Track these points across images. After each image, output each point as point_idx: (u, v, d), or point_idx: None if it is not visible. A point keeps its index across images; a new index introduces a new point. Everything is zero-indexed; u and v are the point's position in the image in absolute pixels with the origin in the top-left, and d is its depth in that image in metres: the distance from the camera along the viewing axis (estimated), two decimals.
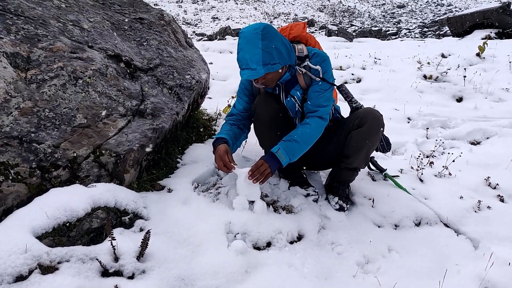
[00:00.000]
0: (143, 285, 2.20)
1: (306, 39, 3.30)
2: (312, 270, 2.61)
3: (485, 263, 2.79)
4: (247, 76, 2.84)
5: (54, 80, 2.79)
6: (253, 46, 2.78)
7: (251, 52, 2.78)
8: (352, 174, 3.40)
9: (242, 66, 2.84)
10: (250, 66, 2.80)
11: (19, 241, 2.12)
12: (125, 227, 2.60)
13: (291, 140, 2.99)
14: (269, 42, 2.81)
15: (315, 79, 3.08)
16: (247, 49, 2.79)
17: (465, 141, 5.02)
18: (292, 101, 3.19)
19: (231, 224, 2.76)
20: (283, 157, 2.93)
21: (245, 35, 2.83)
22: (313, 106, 3.10)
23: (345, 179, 3.42)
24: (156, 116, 3.16)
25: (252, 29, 2.83)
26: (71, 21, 3.30)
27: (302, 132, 3.02)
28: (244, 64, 2.83)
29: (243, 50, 2.82)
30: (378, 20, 34.76)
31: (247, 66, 2.81)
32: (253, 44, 2.78)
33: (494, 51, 8.65)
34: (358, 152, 3.19)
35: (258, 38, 2.78)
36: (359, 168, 3.38)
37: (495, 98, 6.56)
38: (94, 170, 2.71)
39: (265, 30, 2.82)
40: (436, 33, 23.45)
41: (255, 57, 2.78)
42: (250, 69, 2.81)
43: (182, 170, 3.34)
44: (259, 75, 2.83)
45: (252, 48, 2.78)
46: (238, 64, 2.88)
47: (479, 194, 3.69)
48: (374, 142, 3.19)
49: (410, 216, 3.31)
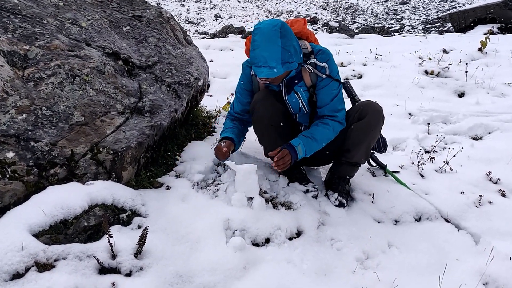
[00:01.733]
0: (141, 282, 2.20)
1: (307, 35, 3.24)
2: (311, 266, 2.60)
3: (486, 258, 2.77)
4: (265, 74, 2.77)
5: (52, 78, 2.79)
6: (273, 44, 2.70)
7: (271, 50, 2.70)
8: (352, 169, 3.37)
9: (259, 64, 2.75)
10: (269, 64, 2.72)
11: (15, 238, 2.12)
12: (123, 225, 2.60)
13: (311, 137, 2.99)
14: (287, 40, 2.75)
15: (322, 76, 3.05)
16: (266, 47, 2.71)
17: (466, 136, 4.99)
18: (295, 97, 3.16)
19: (229, 221, 2.76)
20: (301, 151, 2.95)
21: (262, 32, 2.74)
22: (330, 111, 3.09)
23: (345, 175, 3.38)
24: (154, 114, 3.15)
25: (270, 26, 2.74)
26: (69, 19, 3.30)
27: (322, 132, 3.04)
28: (261, 62, 2.74)
29: (261, 47, 2.73)
30: (381, 17, 34.66)
31: (265, 64, 2.72)
32: (272, 41, 2.70)
33: (496, 46, 8.60)
34: (358, 146, 3.16)
35: (277, 35, 2.71)
36: (359, 163, 3.35)
37: (497, 93, 6.52)
38: (91, 167, 2.71)
39: (283, 27, 2.76)
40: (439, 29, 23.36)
41: (274, 55, 2.70)
42: (268, 67, 2.73)
43: (181, 167, 3.33)
44: (278, 73, 2.77)
45: (271, 46, 2.70)
46: (253, 61, 2.79)
47: (480, 189, 3.67)
48: (374, 135, 3.16)
49: (410, 211, 3.29)
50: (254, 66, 2.80)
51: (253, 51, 2.79)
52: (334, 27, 17.86)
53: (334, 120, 3.10)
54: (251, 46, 2.82)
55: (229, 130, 3.28)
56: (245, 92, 3.32)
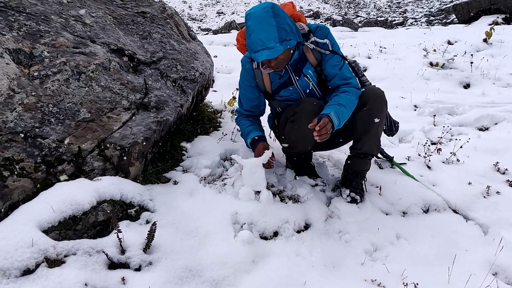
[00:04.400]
0: (150, 277, 2.21)
1: (299, 17, 3.14)
2: (319, 258, 2.61)
3: (494, 248, 2.77)
4: (266, 56, 2.69)
5: (57, 75, 2.80)
6: (267, 24, 2.66)
7: (266, 30, 2.65)
8: (365, 162, 3.24)
9: (257, 48, 2.69)
10: (267, 45, 2.65)
11: (25, 235, 2.13)
12: (131, 220, 2.61)
13: (339, 104, 2.87)
14: (281, 19, 2.70)
15: (325, 52, 3.00)
16: (261, 29, 2.66)
17: (473, 127, 4.97)
18: (305, 80, 3.09)
19: (237, 215, 2.76)
20: (335, 119, 2.79)
21: (254, 16, 2.70)
22: (340, 80, 3.03)
23: (358, 169, 3.25)
24: (160, 109, 3.16)
25: (261, 8, 2.71)
26: (73, 16, 3.30)
27: (346, 98, 2.93)
28: (259, 45, 2.67)
29: (256, 30, 2.68)
30: (384, 10, 34.50)
31: (263, 46, 2.66)
32: (266, 22, 2.66)
33: (501, 37, 8.54)
34: (366, 134, 3.05)
35: (269, 15, 2.66)
36: (370, 153, 3.19)
37: (503, 84, 6.48)
38: (99, 163, 2.72)
39: (274, 7, 2.72)
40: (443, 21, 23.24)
41: (271, 34, 2.65)
42: (267, 48, 2.66)
43: (187, 162, 3.33)
44: (278, 52, 2.69)
45: (266, 26, 2.65)
46: (251, 47, 2.74)
47: (488, 180, 3.65)
48: (380, 120, 3.02)
49: (418, 203, 3.29)
50: (252, 52, 2.74)
51: (248, 38, 2.74)
52: (338, 21, 17.81)
53: (350, 86, 3.02)
54: (246, 33, 2.78)
55: (252, 128, 3.30)
56: (251, 89, 3.29)
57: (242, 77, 3.30)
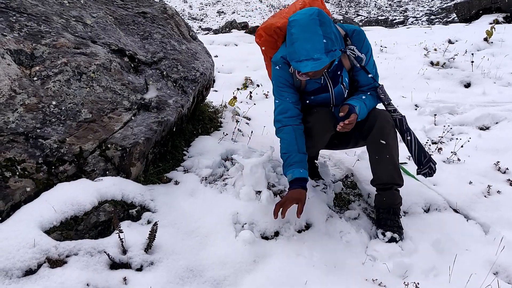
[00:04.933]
0: (152, 277, 2.22)
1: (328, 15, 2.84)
2: (320, 258, 2.61)
3: (495, 248, 2.77)
4: (311, 68, 2.53)
5: (58, 76, 2.80)
6: (313, 34, 2.50)
7: (312, 40, 2.49)
8: (393, 194, 2.98)
9: (301, 58, 2.53)
10: (312, 56, 2.50)
11: (27, 235, 2.14)
12: (133, 220, 2.62)
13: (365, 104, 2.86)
14: (327, 27, 2.55)
15: (357, 65, 2.91)
16: (306, 38, 2.51)
17: (473, 127, 4.97)
18: (341, 88, 2.98)
19: (238, 215, 2.76)
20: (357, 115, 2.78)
21: (300, 23, 2.53)
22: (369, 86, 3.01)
23: (389, 205, 2.99)
24: (161, 109, 3.16)
25: (307, 15, 2.54)
26: (74, 17, 3.31)
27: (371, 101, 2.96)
28: (303, 55, 2.51)
29: (300, 39, 2.52)
30: (384, 9, 34.50)
31: (308, 56, 2.50)
32: (313, 31, 2.50)
33: (502, 36, 8.53)
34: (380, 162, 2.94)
35: (316, 24, 2.50)
36: (392, 182, 2.97)
37: (504, 83, 6.48)
38: (100, 164, 2.72)
39: (320, 14, 2.55)
40: (443, 20, 23.23)
41: (317, 45, 2.49)
42: (312, 59, 2.50)
43: (188, 162, 3.34)
44: (323, 64, 2.53)
45: (312, 36, 2.50)
46: (293, 56, 2.58)
47: (488, 179, 3.65)
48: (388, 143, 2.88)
49: (419, 202, 3.29)
50: (294, 61, 2.59)
51: (291, 46, 2.58)
52: (338, 20, 17.78)
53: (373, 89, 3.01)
54: (288, 40, 2.62)
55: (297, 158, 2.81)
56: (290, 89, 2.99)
57: (277, 74, 2.98)
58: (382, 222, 2.98)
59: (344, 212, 3.19)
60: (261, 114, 4.96)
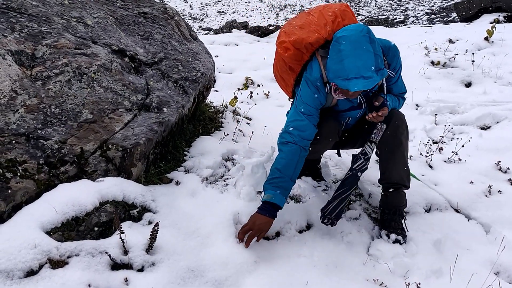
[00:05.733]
0: (153, 278, 2.22)
1: None
2: (321, 258, 2.61)
3: (497, 248, 2.77)
4: (362, 86, 2.43)
5: (59, 77, 2.81)
6: (364, 51, 2.40)
7: (364, 58, 2.40)
8: (399, 195, 3.01)
9: (349, 76, 2.41)
10: (363, 74, 2.39)
11: (28, 236, 2.14)
12: (134, 221, 2.62)
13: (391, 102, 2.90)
14: (376, 45, 2.47)
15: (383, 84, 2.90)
16: (358, 55, 2.40)
17: (474, 126, 4.97)
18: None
19: (239, 215, 2.77)
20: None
21: (350, 40, 2.42)
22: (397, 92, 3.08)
23: (395, 206, 3.00)
24: (162, 110, 3.16)
25: (357, 31, 2.44)
26: (75, 17, 3.31)
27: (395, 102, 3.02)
28: (353, 73, 2.40)
29: (351, 56, 2.40)
30: (385, 8, 34.46)
31: (359, 74, 2.40)
32: (364, 49, 2.41)
33: (502, 35, 8.52)
34: (391, 160, 2.93)
35: (367, 41, 2.42)
36: (400, 183, 2.98)
37: (505, 82, 6.48)
38: (101, 164, 2.72)
39: (369, 31, 2.47)
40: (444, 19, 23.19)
41: (368, 63, 2.40)
42: (362, 77, 2.40)
43: (189, 163, 3.34)
44: (374, 82, 2.44)
45: (363, 53, 2.40)
46: (341, 73, 2.46)
47: (489, 179, 3.65)
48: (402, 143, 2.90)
49: (420, 202, 3.29)
50: (341, 79, 2.47)
51: (339, 63, 2.45)
52: None
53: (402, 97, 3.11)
54: (335, 57, 2.49)
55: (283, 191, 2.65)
56: (318, 113, 2.87)
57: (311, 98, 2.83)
58: (386, 224, 2.97)
59: (345, 212, 3.18)
60: (262, 114, 4.97)
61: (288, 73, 3.05)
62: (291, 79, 3.06)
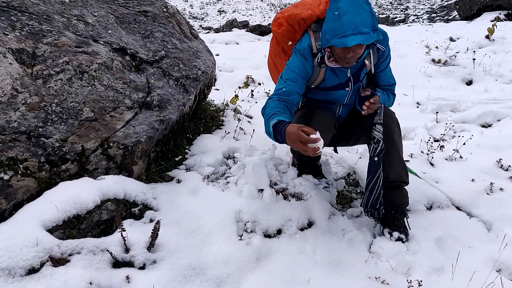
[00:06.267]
0: (154, 275, 2.22)
1: None
2: (323, 256, 2.61)
3: (498, 245, 2.77)
4: (360, 40, 2.48)
5: (60, 75, 2.80)
6: (362, 9, 2.51)
7: (362, 15, 2.50)
8: (400, 193, 3.01)
9: (347, 32, 2.48)
10: (361, 30, 2.47)
11: (30, 234, 2.14)
12: (135, 218, 2.61)
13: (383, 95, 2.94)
14: (371, 7, 2.58)
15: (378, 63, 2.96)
16: (356, 12, 2.49)
17: (475, 124, 4.97)
18: (360, 87, 3.00)
19: (241, 213, 2.76)
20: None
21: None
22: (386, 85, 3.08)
23: (397, 204, 2.99)
24: (163, 108, 3.16)
25: None
26: (75, 16, 3.30)
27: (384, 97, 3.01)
28: (351, 29, 2.47)
29: (349, 12, 2.49)
30: (385, 7, 34.42)
31: (356, 30, 2.47)
32: (361, 7, 2.51)
33: (503, 33, 8.52)
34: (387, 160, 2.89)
35: (364, 1, 2.55)
36: (399, 180, 2.98)
37: (506, 80, 6.47)
38: (102, 162, 2.72)
39: None
40: (444, 18, 23.17)
41: (366, 20, 2.50)
42: (360, 33, 2.47)
43: (190, 161, 3.33)
44: (372, 39, 2.52)
45: (361, 11, 2.50)
46: (339, 30, 2.52)
47: (491, 176, 3.65)
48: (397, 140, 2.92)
49: (421, 200, 3.29)
50: (339, 37, 2.52)
51: (337, 20, 2.52)
52: None
53: (391, 93, 3.10)
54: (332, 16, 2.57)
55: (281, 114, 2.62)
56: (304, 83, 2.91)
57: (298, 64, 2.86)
58: (389, 222, 2.96)
59: (346, 210, 3.18)
60: None
61: (281, 56, 3.13)
62: (283, 62, 3.07)
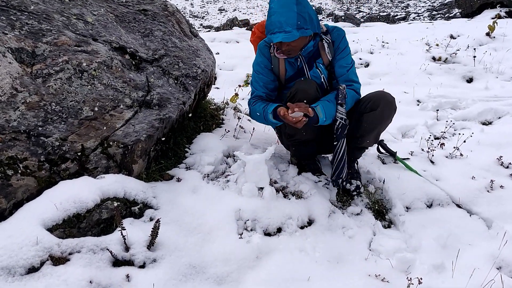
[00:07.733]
0: (154, 274, 2.22)
1: None
2: (323, 254, 2.61)
3: (498, 243, 2.77)
4: (281, 38, 2.80)
5: (60, 74, 2.80)
6: (289, 10, 2.77)
7: (287, 15, 2.77)
8: (360, 152, 3.42)
9: (274, 30, 2.81)
10: (285, 28, 2.77)
11: (30, 233, 2.14)
12: (135, 217, 2.61)
13: (329, 100, 2.99)
14: (303, 7, 2.82)
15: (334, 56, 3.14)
16: (282, 12, 2.78)
17: (476, 122, 4.96)
18: (317, 72, 3.15)
19: (241, 211, 2.76)
20: (321, 114, 2.90)
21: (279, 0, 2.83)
22: (345, 81, 3.13)
23: (354, 157, 3.40)
24: (163, 107, 3.16)
25: None
26: (75, 14, 3.30)
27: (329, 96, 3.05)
28: (277, 28, 2.79)
29: (277, 13, 2.80)
30: (386, 5, 34.39)
31: (281, 29, 2.78)
32: (288, 7, 2.77)
33: (504, 30, 8.51)
34: (369, 133, 3.16)
35: (293, 2, 2.78)
36: (367, 147, 3.40)
37: (506, 77, 6.47)
38: (102, 161, 2.72)
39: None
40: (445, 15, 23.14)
41: (290, 20, 2.76)
42: (284, 31, 2.78)
43: (190, 159, 3.33)
44: (294, 37, 2.80)
45: (287, 12, 2.77)
46: (269, 28, 2.85)
47: (491, 174, 3.64)
48: (385, 125, 3.20)
49: (421, 197, 3.28)
50: (269, 34, 2.85)
51: (268, 18, 2.86)
52: (339, 16, 17.77)
53: (350, 88, 3.11)
54: (267, 14, 2.89)
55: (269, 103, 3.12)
56: (267, 71, 3.24)
57: (258, 60, 3.28)
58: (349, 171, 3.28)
59: (346, 208, 3.18)
60: None
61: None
62: None
